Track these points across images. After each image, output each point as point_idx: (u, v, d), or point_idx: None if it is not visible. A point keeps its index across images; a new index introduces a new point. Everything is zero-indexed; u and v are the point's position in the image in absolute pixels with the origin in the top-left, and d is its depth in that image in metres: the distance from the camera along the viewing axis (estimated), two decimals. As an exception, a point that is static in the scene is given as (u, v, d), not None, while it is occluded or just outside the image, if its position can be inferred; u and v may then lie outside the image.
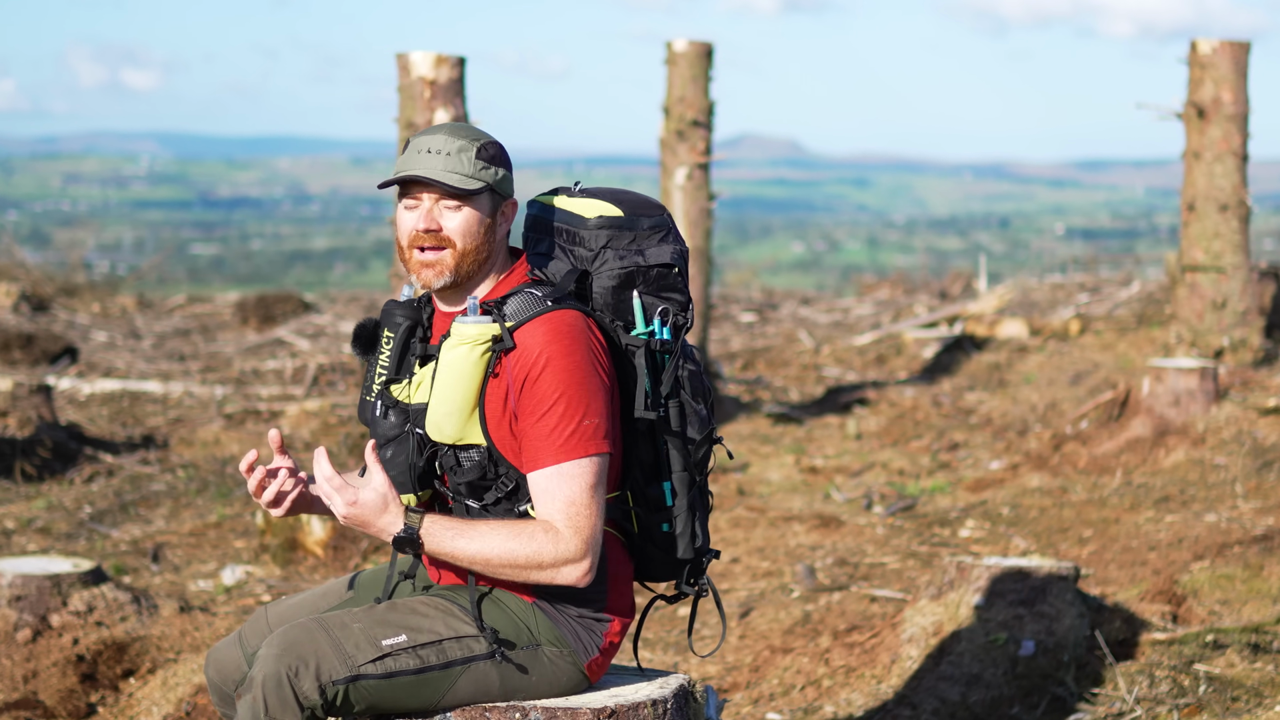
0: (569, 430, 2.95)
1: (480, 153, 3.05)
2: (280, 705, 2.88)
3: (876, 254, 58.49)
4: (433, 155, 3.03)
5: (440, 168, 3.03)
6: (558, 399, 2.95)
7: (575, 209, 3.15)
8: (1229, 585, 6.10)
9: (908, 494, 8.37)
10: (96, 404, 11.11)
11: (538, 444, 2.96)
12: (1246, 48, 11.11)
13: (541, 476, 2.97)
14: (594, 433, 2.96)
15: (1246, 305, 11.07)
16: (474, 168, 3.04)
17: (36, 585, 5.16)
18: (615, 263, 3.11)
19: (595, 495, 2.97)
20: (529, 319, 2.98)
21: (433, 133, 3.08)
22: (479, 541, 2.96)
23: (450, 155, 3.03)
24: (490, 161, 3.06)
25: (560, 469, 2.95)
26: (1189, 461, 8.22)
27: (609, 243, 3.12)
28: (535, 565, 2.95)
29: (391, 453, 3.08)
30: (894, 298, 18.28)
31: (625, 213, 3.14)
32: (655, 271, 3.13)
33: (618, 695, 3.09)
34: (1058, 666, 4.93)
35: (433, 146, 3.04)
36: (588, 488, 2.96)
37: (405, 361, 3.11)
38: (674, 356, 3.13)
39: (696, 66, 10.74)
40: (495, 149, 3.08)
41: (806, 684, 5.14)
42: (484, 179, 3.05)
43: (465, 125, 3.10)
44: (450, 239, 3.05)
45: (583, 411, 2.96)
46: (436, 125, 3.12)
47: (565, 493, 2.95)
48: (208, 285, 32.02)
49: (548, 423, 2.95)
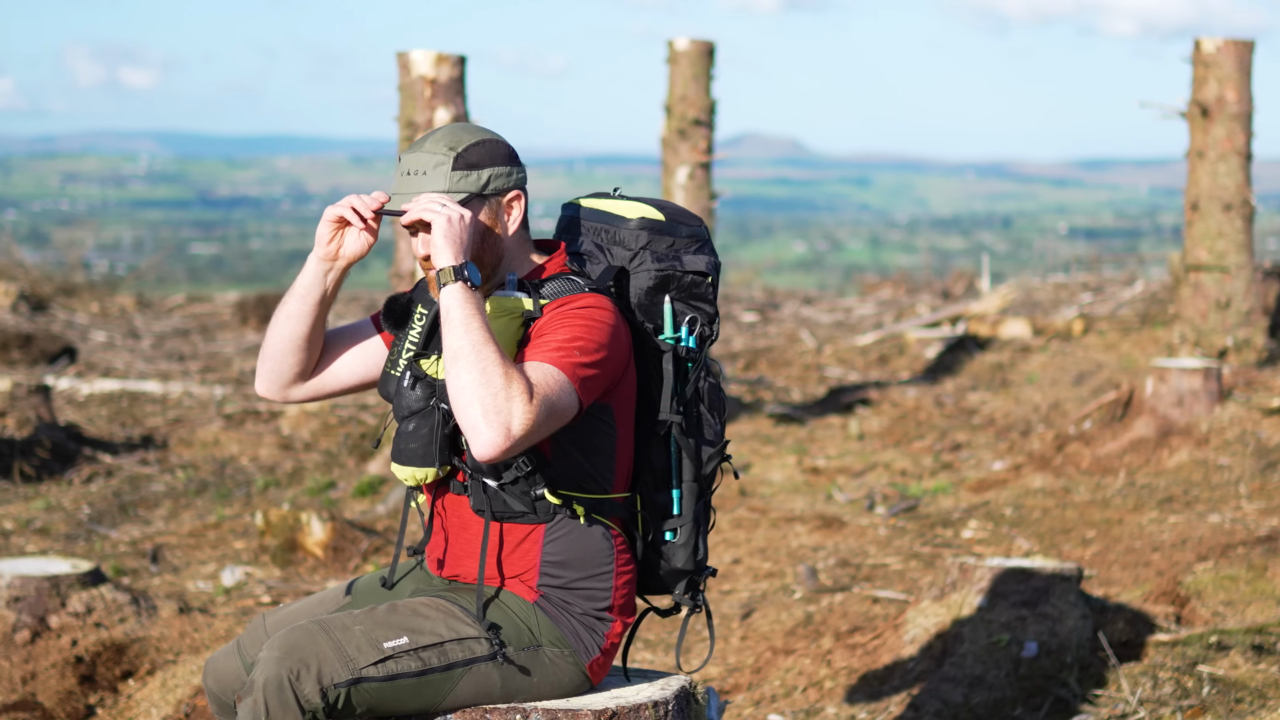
0: (567, 347, 2.92)
1: (457, 163, 3.03)
2: (281, 708, 2.87)
3: (879, 253, 58.50)
4: (414, 178, 3.03)
5: (414, 190, 3.03)
6: (572, 325, 2.95)
7: (616, 210, 3.20)
8: (1233, 586, 6.09)
9: (910, 495, 8.36)
10: (95, 404, 11.09)
11: (536, 346, 2.94)
12: (1250, 46, 11.09)
13: (526, 364, 2.91)
14: (582, 371, 2.92)
15: (1250, 305, 11.05)
16: (450, 182, 3.03)
17: (35, 586, 5.15)
18: (652, 264, 3.15)
19: (554, 407, 2.87)
20: (563, 297, 3.01)
21: (417, 147, 3.06)
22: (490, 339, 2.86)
23: (426, 175, 3.03)
24: (471, 167, 3.04)
25: (544, 365, 2.90)
26: (1193, 462, 8.21)
27: (648, 244, 3.16)
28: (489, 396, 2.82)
29: (414, 425, 3.06)
30: (896, 297, 18.26)
31: (666, 218, 3.19)
32: (689, 279, 3.17)
33: (619, 697, 3.09)
34: (1061, 668, 4.93)
35: (413, 167, 3.04)
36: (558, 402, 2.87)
37: (435, 338, 3.10)
38: (697, 365, 3.16)
39: (698, 65, 10.72)
40: (478, 152, 3.05)
41: (808, 685, 5.14)
42: (464, 190, 3.03)
43: (453, 130, 3.08)
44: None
45: (585, 346, 2.93)
46: (426, 135, 3.09)
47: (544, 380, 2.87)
48: (207, 285, 32.01)
49: (554, 335, 2.94)
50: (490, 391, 2.82)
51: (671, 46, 10.82)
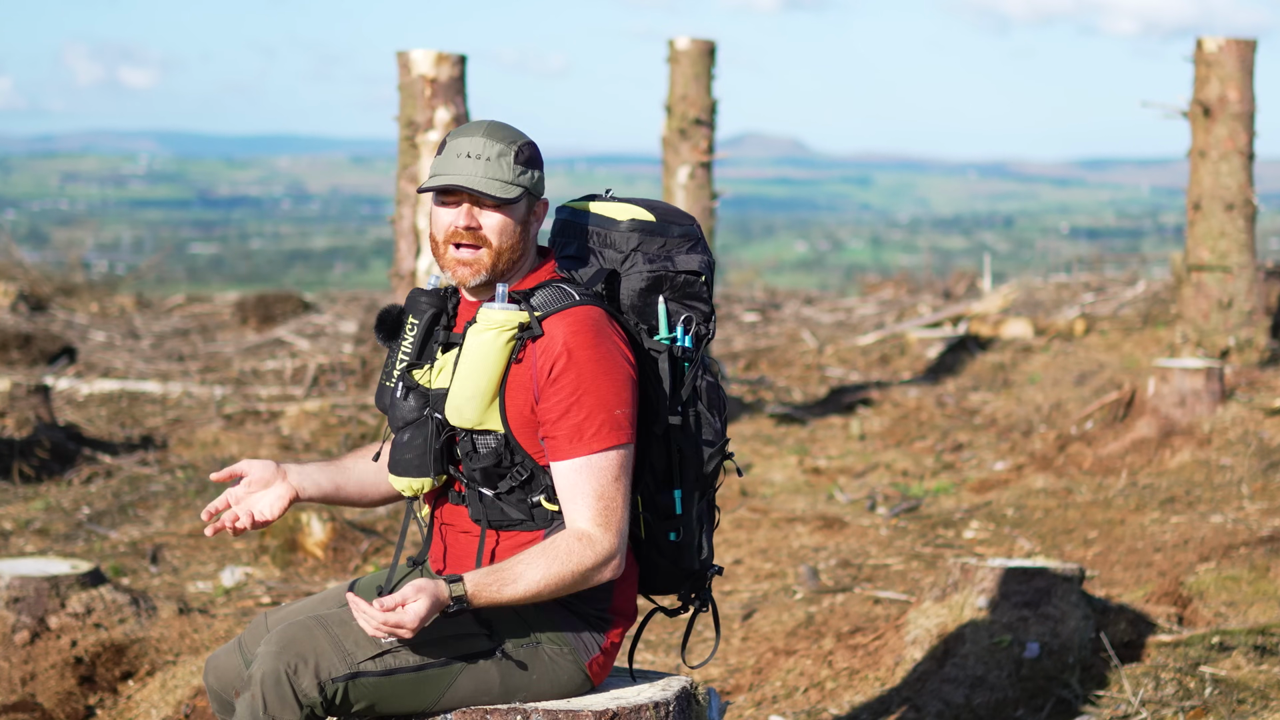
0: (597, 422, 2.97)
1: (518, 156, 3.06)
2: (279, 703, 2.87)
3: (880, 253, 58.48)
4: (472, 160, 3.04)
5: (481, 174, 3.03)
6: (585, 391, 2.97)
7: (607, 212, 3.20)
8: (1235, 587, 6.08)
9: (911, 495, 8.35)
10: (95, 404, 11.08)
11: (565, 435, 2.98)
12: (1253, 45, 11.07)
13: (569, 469, 2.98)
14: (621, 423, 2.99)
15: (1253, 305, 11.03)
16: (513, 173, 3.05)
17: (35, 587, 5.14)
18: (644, 266, 3.16)
19: (622, 484, 3.00)
20: (555, 311, 3.01)
21: (470, 133, 3.07)
22: (524, 581, 2.96)
23: (490, 161, 3.04)
24: (527, 165, 3.07)
25: (590, 461, 2.97)
26: (1195, 462, 8.19)
27: (639, 246, 3.17)
28: (582, 578, 2.98)
29: (409, 435, 3.09)
30: (898, 297, 18.24)
31: (657, 219, 3.19)
32: (682, 278, 3.17)
33: (619, 697, 3.09)
34: (1063, 669, 4.93)
35: (472, 150, 3.04)
36: (615, 479, 2.98)
37: (428, 348, 3.14)
38: (694, 365, 3.16)
39: (699, 65, 10.71)
40: (530, 150, 3.09)
41: (809, 686, 5.13)
42: (522, 184, 3.07)
43: (501, 125, 3.10)
44: (488, 238, 3.06)
45: (610, 402, 2.98)
46: (472, 125, 3.10)
47: (594, 486, 2.97)
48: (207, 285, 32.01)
49: (575, 415, 2.97)
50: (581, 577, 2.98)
51: (672, 46, 10.81)
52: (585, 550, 2.96)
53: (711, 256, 3.24)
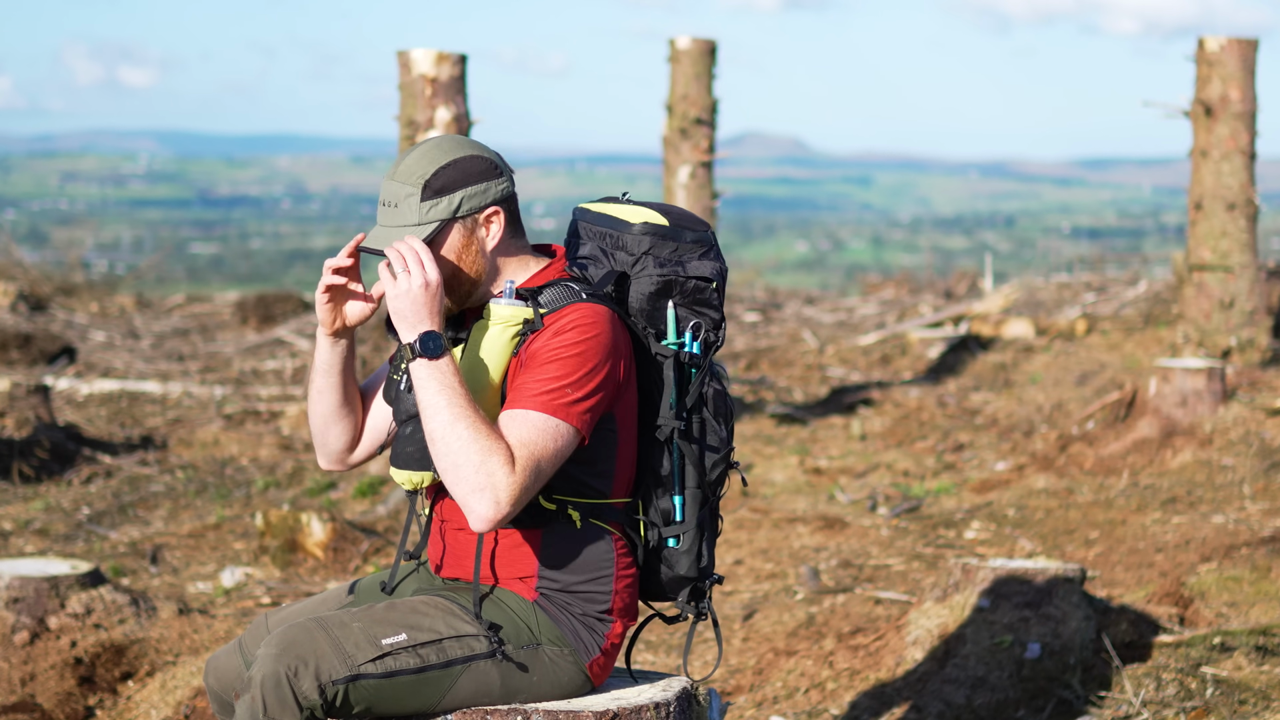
0: (558, 387, 2.94)
1: (425, 192, 3.03)
2: (279, 705, 2.86)
3: (881, 253, 58.48)
4: (386, 209, 3.07)
5: (389, 224, 3.05)
6: (561, 359, 2.95)
7: (620, 214, 3.18)
8: (1236, 587, 6.07)
9: (913, 495, 8.33)
10: (95, 404, 11.07)
11: (524, 388, 2.95)
12: (1254, 45, 11.07)
13: (512, 415, 2.93)
14: (573, 406, 2.94)
15: (1254, 305, 11.02)
16: (420, 214, 3.03)
17: (34, 587, 5.14)
18: (655, 270, 3.13)
19: (551, 459, 2.93)
20: (561, 308, 3.00)
21: (392, 173, 3.08)
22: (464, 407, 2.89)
23: (397, 208, 3.05)
24: (440, 193, 3.03)
25: (531, 415, 2.92)
26: (1196, 462, 8.18)
27: (650, 249, 3.14)
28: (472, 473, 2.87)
29: (412, 429, 3.07)
30: (899, 297, 18.23)
31: (670, 223, 3.17)
32: (693, 284, 3.14)
33: (620, 698, 3.08)
34: (1064, 669, 4.92)
35: (387, 198, 3.07)
36: (550, 450, 2.92)
37: None
38: (701, 371, 3.14)
39: (700, 64, 10.69)
40: (448, 175, 3.04)
41: (810, 687, 5.12)
42: (434, 218, 3.03)
43: (426, 152, 3.07)
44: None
45: (577, 380, 2.95)
46: (404, 155, 3.09)
47: (530, 436, 2.91)
48: (207, 285, 31.99)
49: (542, 373, 2.95)
50: (471, 469, 2.86)
51: (673, 45, 10.79)
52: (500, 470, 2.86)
53: (724, 264, 3.23)
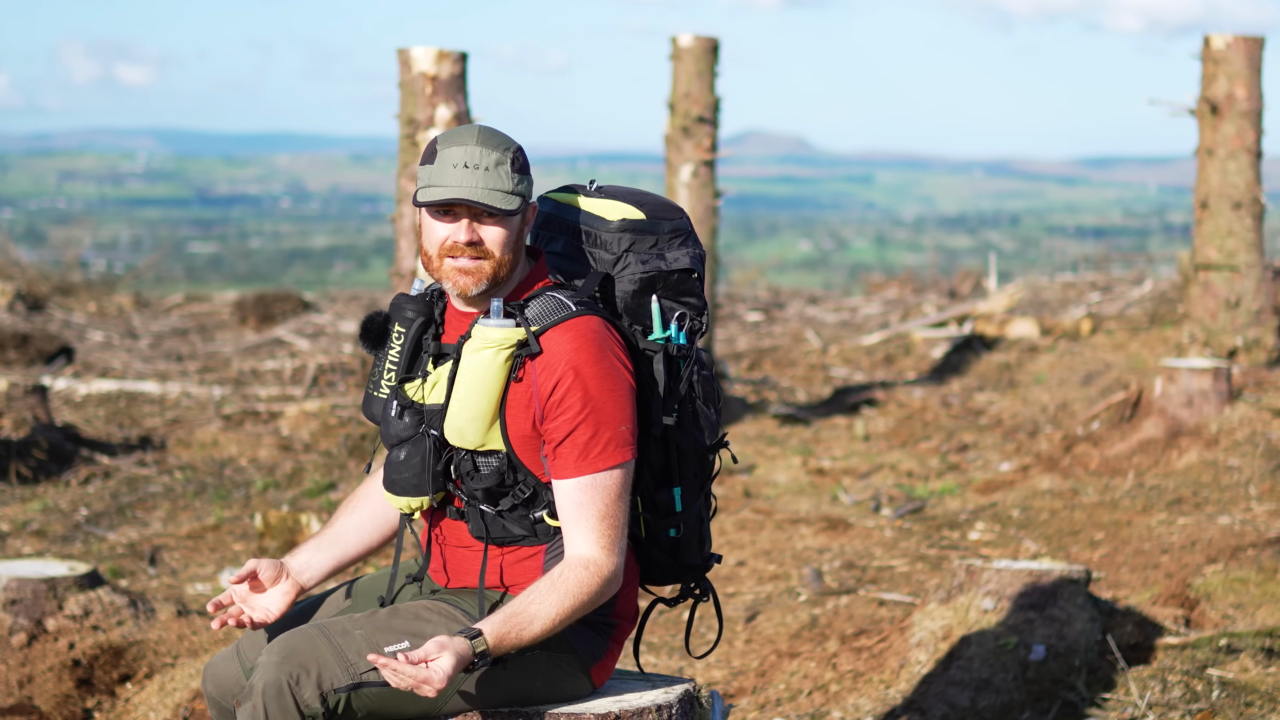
0: (603, 440, 2.95)
1: (514, 163, 3.00)
2: (281, 713, 2.85)
3: (885, 252, 58.47)
4: (470, 171, 2.96)
5: (481, 186, 2.96)
6: (591, 410, 2.94)
7: (596, 210, 3.14)
8: (1242, 589, 6.06)
9: (916, 496, 8.31)
10: (93, 405, 11.04)
11: (569, 454, 2.95)
12: (1261, 43, 11.04)
13: (573, 487, 2.95)
14: (625, 439, 2.97)
15: (1261, 304, 10.99)
16: (511, 183, 2.99)
17: (32, 589, 5.14)
18: (638, 267, 3.11)
19: (623, 502, 2.98)
20: (553, 324, 2.96)
21: (462, 141, 2.98)
22: (540, 620, 2.92)
23: (488, 171, 2.97)
24: (521, 172, 3.02)
25: (595, 480, 2.95)
26: (1202, 463, 8.16)
27: (631, 246, 3.11)
28: (592, 604, 2.97)
29: (405, 454, 3.06)
30: (902, 297, 18.21)
31: (647, 215, 3.13)
32: (675, 276, 3.13)
33: (622, 701, 3.08)
34: (1069, 671, 4.92)
35: (468, 160, 2.96)
36: (618, 497, 2.97)
37: (418, 359, 3.09)
38: (689, 361, 3.12)
39: (702, 62, 10.66)
40: (523, 157, 3.04)
41: (813, 689, 5.12)
42: (521, 192, 3.01)
43: (490, 132, 3.03)
44: (490, 251, 3.00)
45: (615, 419, 2.95)
46: (461, 132, 3.01)
47: (598, 506, 2.95)
48: (206, 284, 32.01)
49: (581, 435, 2.94)
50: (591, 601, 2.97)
51: (675, 43, 10.76)
52: (593, 578, 2.94)
53: (701, 249, 3.19)
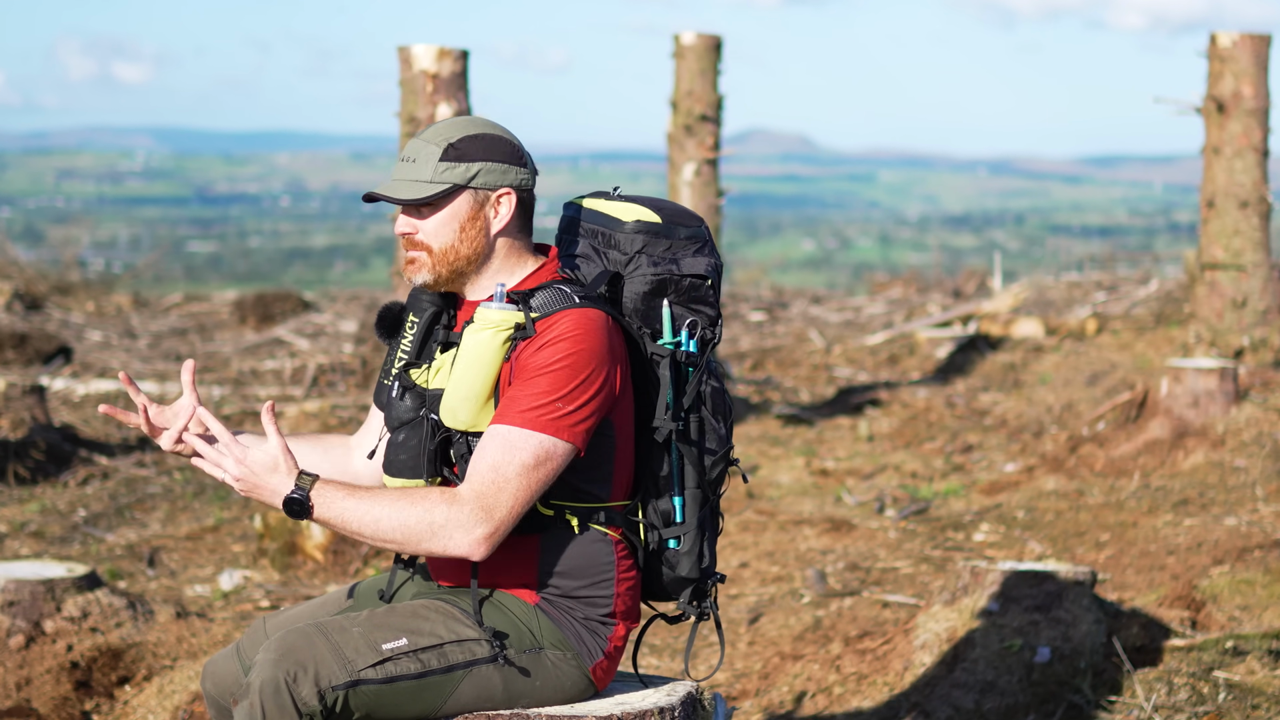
0: (539, 403, 2.91)
1: (447, 154, 3.02)
2: (278, 711, 2.83)
3: (889, 251, 58.50)
4: (401, 164, 3.07)
5: (395, 178, 3.05)
6: (546, 372, 2.91)
7: (612, 212, 3.15)
8: (1249, 590, 6.04)
9: (921, 497, 8.30)
10: (91, 405, 11.02)
11: (512, 403, 2.93)
12: (1267, 41, 11.02)
13: (493, 432, 2.92)
14: (565, 419, 2.92)
15: (1267, 304, 10.97)
16: (435, 171, 3.02)
17: (30, 590, 5.14)
18: (649, 269, 3.11)
19: (528, 478, 2.91)
20: (553, 312, 2.96)
21: (420, 134, 3.10)
22: (370, 504, 2.89)
23: (414, 163, 3.04)
24: (460, 159, 3.02)
25: (509, 432, 2.91)
26: (1208, 464, 8.14)
27: (644, 248, 3.11)
28: (427, 533, 2.89)
29: (404, 436, 3.06)
30: (906, 296, 18.19)
31: (663, 220, 3.14)
32: (687, 282, 3.12)
33: (624, 703, 3.07)
34: (1074, 673, 4.92)
35: (407, 154, 3.06)
36: (522, 465, 2.90)
37: (427, 347, 3.11)
38: (698, 370, 3.11)
39: (705, 60, 10.63)
40: (473, 145, 3.03)
41: (817, 691, 5.11)
42: (447, 180, 3.02)
43: (457, 122, 3.09)
44: (424, 243, 3.05)
45: (563, 393, 2.91)
46: (436, 122, 3.14)
47: (495, 458, 2.90)
48: (205, 284, 32.05)
49: (524, 388, 2.92)
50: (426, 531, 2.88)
51: (678, 41, 10.74)
52: (443, 509, 2.88)
53: (720, 260, 3.20)
